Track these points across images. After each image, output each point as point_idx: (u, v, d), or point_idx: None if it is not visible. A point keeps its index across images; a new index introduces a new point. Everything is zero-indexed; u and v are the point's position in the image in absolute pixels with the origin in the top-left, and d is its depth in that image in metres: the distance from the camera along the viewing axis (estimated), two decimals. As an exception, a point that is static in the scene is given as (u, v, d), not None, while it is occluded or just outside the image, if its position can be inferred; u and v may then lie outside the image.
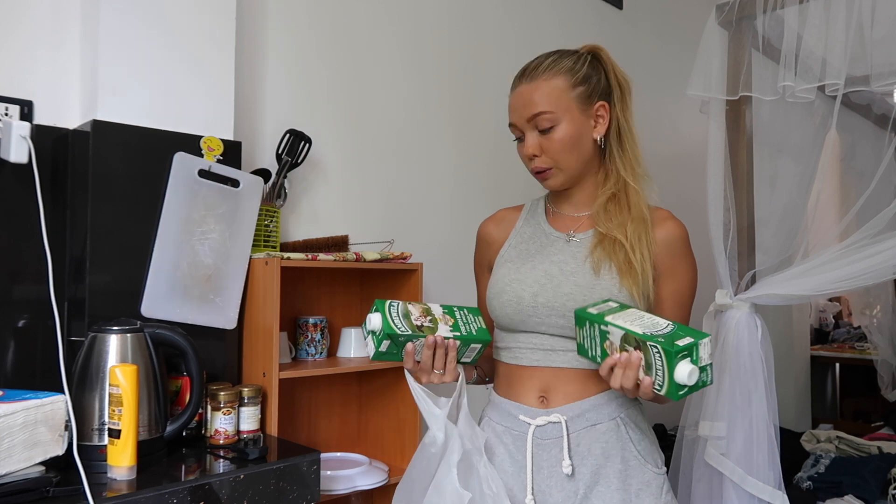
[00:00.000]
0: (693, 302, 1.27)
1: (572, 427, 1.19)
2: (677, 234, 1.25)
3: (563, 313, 1.20)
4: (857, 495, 2.51)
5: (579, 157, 1.25)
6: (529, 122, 1.23)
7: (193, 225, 1.58)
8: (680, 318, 1.23)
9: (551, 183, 1.27)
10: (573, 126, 1.22)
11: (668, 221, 1.26)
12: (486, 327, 1.22)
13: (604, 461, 1.19)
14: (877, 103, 2.61)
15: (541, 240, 1.30)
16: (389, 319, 1.13)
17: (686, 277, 1.25)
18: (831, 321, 5.06)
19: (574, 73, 1.23)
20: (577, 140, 1.23)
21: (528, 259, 1.27)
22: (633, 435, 1.21)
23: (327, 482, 1.70)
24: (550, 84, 1.22)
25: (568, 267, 1.23)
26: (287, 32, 2.00)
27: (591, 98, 1.24)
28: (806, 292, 1.92)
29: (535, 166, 1.25)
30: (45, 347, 1.47)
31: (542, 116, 1.21)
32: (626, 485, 1.18)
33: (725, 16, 2.05)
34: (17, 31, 1.52)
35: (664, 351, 1.00)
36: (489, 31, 2.58)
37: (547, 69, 1.23)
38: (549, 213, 1.34)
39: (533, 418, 1.21)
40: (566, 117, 1.22)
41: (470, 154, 2.50)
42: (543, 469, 1.19)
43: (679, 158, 3.27)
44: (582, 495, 1.18)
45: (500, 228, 1.37)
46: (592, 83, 1.25)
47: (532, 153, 1.23)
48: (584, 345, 1.13)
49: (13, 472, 1.10)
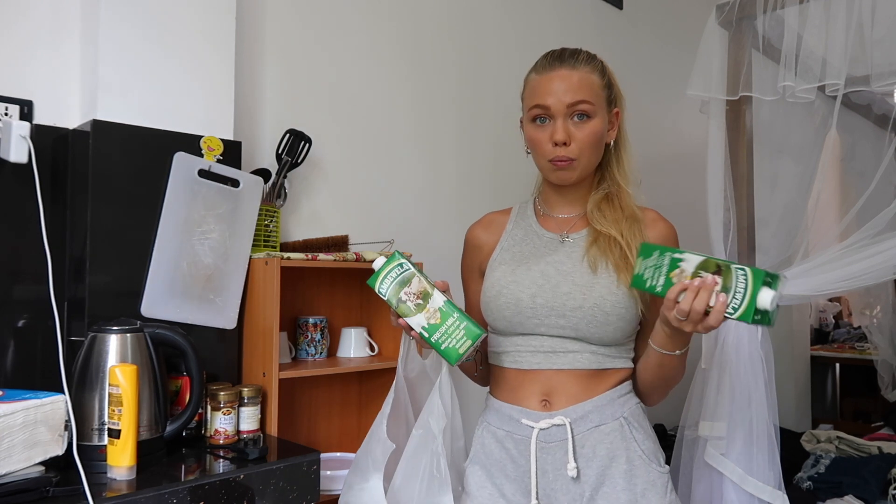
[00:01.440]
0: None
1: (577, 429, 1.18)
2: (668, 234, 1.27)
3: (562, 313, 1.19)
4: (858, 495, 2.51)
5: (597, 156, 1.26)
6: (569, 107, 1.21)
7: (193, 225, 1.58)
8: None
9: (567, 175, 1.24)
10: (602, 124, 1.24)
11: (659, 222, 1.28)
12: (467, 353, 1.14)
13: (609, 462, 1.18)
14: (877, 103, 2.61)
15: (533, 241, 1.30)
16: (382, 276, 1.15)
17: None
18: (831, 321, 5.06)
19: (604, 76, 1.26)
20: (601, 138, 1.25)
21: (522, 261, 1.27)
22: (637, 434, 1.21)
23: (327, 482, 1.69)
24: (591, 77, 1.24)
25: (564, 267, 1.23)
26: (287, 32, 2.00)
27: (611, 103, 1.27)
28: (806, 292, 1.92)
29: (561, 155, 1.21)
30: (45, 347, 1.47)
31: (585, 105, 1.21)
32: (631, 484, 1.18)
33: (725, 16, 2.05)
34: (16, 31, 1.52)
35: (752, 272, 1.02)
36: (489, 30, 2.58)
37: (586, 62, 1.25)
38: (538, 215, 1.34)
39: (536, 422, 1.20)
40: (600, 113, 1.23)
41: (470, 153, 2.50)
42: (548, 473, 1.19)
43: (679, 158, 3.27)
44: (588, 497, 1.17)
45: (488, 232, 1.36)
46: (613, 89, 1.28)
47: (564, 139, 1.20)
48: (642, 275, 1.10)
49: (13, 472, 1.10)
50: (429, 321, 1.13)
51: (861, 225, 1.86)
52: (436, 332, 1.13)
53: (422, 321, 1.13)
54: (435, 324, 1.13)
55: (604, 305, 1.18)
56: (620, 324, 1.19)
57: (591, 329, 1.19)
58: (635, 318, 1.21)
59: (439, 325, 1.13)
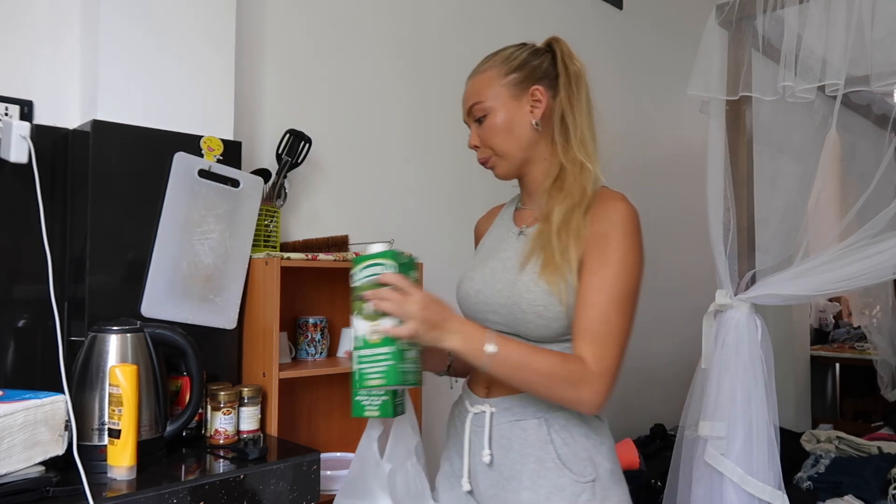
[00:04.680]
0: (625, 294, 1.12)
1: (497, 419, 1.21)
2: (618, 215, 1.15)
3: (495, 309, 1.20)
4: (858, 495, 2.51)
5: (517, 143, 1.23)
6: (469, 116, 1.26)
7: (193, 225, 1.58)
8: (598, 299, 1.11)
9: (497, 172, 1.28)
10: (505, 112, 1.22)
11: (615, 201, 1.17)
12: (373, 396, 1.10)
13: (521, 458, 1.18)
14: (877, 103, 2.61)
15: (501, 236, 1.31)
16: (368, 263, 1.08)
17: (615, 258, 1.12)
18: (831, 321, 5.06)
19: (508, 62, 1.24)
20: (510, 126, 1.22)
21: (484, 256, 1.30)
22: (557, 438, 1.17)
23: (327, 482, 1.69)
24: (483, 76, 1.25)
25: (509, 263, 1.22)
26: (287, 32, 2.00)
27: (524, 83, 1.23)
28: (806, 292, 1.92)
29: (480, 158, 1.28)
30: (45, 347, 1.47)
31: (475, 107, 1.25)
32: (536, 485, 1.16)
33: (725, 16, 2.05)
34: (17, 31, 1.52)
35: None
36: (488, 30, 2.58)
37: (483, 63, 1.27)
38: (517, 209, 1.34)
39: (472, 406, 1.25)
40: (497, 104, 1.23)
41: (470, 153, 2.50)
42: (476, 455, 1.23)
43: (679, 158, 3.27)
44: (501, 486, 1.20)
45: (486, 225, 1.42)
46: (528, 68, 1.23)
47: (472, 144, 1.27)
48: None
49: (13, 472, 1.10)
50: (369, 336, 1.06)
51: (861, 225, 1.85)
52: (366, 349, 1.06)
53: (364, 329, 1.07)
54: (372, 342, 1.06)
55: (521, 303, 1.16)
56: (540, 321, 1.15)
57: (518, 326, 1.18)
58: (560, 316, 1.14)
59: (374, 345, 1.06)
